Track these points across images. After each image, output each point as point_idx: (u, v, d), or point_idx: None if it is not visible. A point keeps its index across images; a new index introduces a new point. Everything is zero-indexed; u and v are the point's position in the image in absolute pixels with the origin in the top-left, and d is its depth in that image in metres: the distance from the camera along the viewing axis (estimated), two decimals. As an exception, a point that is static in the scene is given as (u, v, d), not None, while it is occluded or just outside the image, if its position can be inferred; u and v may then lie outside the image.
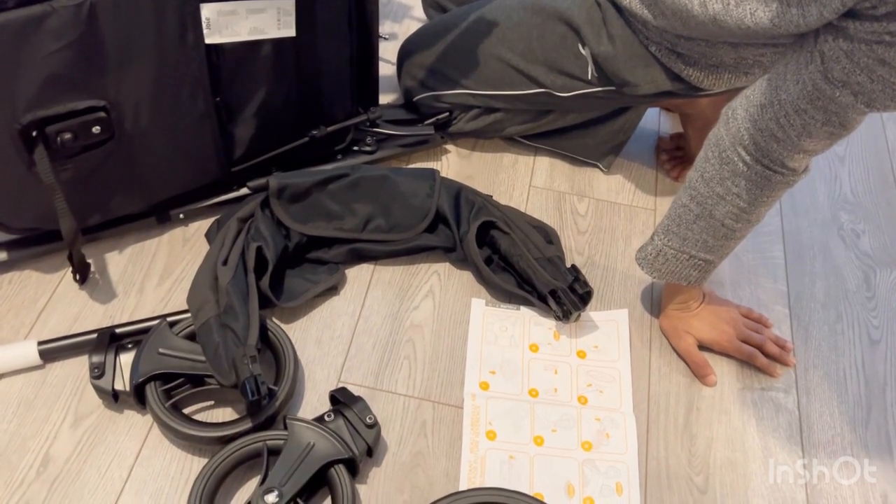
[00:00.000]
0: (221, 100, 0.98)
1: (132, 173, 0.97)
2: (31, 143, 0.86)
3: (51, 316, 0.97)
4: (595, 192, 1.20)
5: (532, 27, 1.09)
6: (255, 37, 0.94)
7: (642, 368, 1.00)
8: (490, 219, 1.05)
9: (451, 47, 1.15)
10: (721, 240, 0.91)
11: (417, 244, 1.06)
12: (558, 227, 1.14)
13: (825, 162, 1.30)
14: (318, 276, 1.03)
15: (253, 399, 0.81)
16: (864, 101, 0.73)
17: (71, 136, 0.88)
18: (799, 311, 1.09)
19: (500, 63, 1.11)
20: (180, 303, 0.98)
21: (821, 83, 0.74)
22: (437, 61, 1.17)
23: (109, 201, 0.99)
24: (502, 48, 1.11)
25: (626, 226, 1.16)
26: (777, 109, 0.79)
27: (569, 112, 1.16)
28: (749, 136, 0.83)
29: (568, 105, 1.13)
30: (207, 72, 0.94)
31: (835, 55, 0.72)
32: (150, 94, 0.92)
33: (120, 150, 0.94)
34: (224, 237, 0.98)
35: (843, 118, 0.76)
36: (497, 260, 1.06)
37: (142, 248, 1.05)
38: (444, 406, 0.94)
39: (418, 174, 1.10)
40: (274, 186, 1.02)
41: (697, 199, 0.89)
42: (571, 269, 1.00)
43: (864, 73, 0.71)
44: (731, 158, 0.85)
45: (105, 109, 0.89)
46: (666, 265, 0.95)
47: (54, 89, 0.85)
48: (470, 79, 1.14)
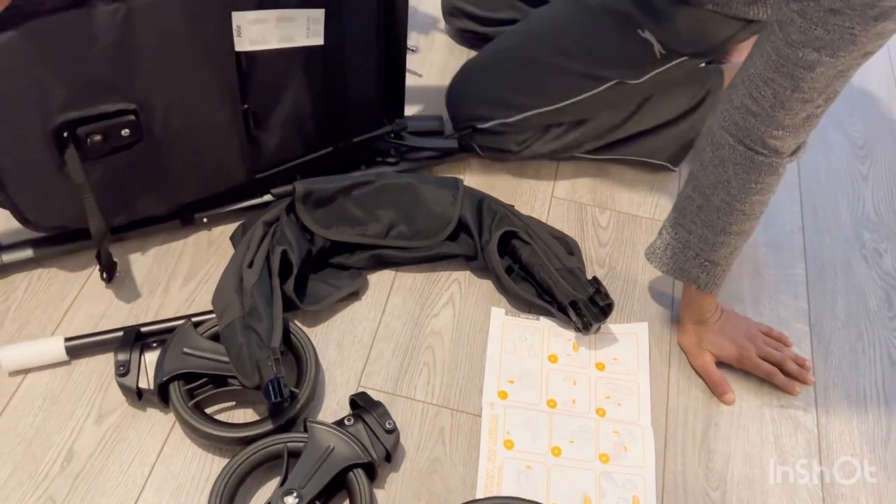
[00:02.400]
0: (249, 107, 0.99)
1: (159, 175, 0.99)
2: (63, 143, 0.88)
3: (77, 313, 0.99)
4: (617, 205, 1.20)
5: (585, 28, 1.08)
6: (284, 45, 0.96)
7: (661, 382, 1.00)
8: (512, 228, 1.05)
9: (506, 74, 1.14)
10: (720, 235, 0.91)
11: (439, 252, 1.07)
12: (579, 238, 1.14)
13: (848, 180, 1.30)
14: (341, 280, 1.04)
15: (275, 401, 0.82)
16: (827, 54, 0.75)
17: (101, 138, 0.90)
18: (819, 329, 1.08)
19: (562, 73, 1.10)
20: (204, 303, 0.99)
21: (783, 48, 0.77)
22: (496, 91, 1.14)
23: (136, 202, 1.01)
24: (561, 58, 1.10)
25: (647, 239, 1.16)
26: (748, 84, 0.82)
27: (645, 112, 1.15)
28: (729, 117, 0.85)
29: (644, 89, 1.12)
30: (236, 79, 0.95)
31: (789, 18, 0.76)
32: (180, 99, 0.93)
33: (148, 153, 0.95)
34: (249, 240, 0.99)
35: (811, 80, 0.78)
36: (518, 270, 1.07)
37: (167, 249, 1.06)
38: (463, 414, 0.95)
39: (442, 182, 1.10)
40: (300, 191, 1.03)
41: (698, 188, 0.91)
42: (592, 281, 1.00)
43: (820, 26, 0.74)
44: (719, 142, 0.87)
45: (135, 113, 0.91)
46: (674, 259, 0.96)
47: (87, 92, 0.87)
48: (536, 98, 1.12)
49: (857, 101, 1.43)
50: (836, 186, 1.29)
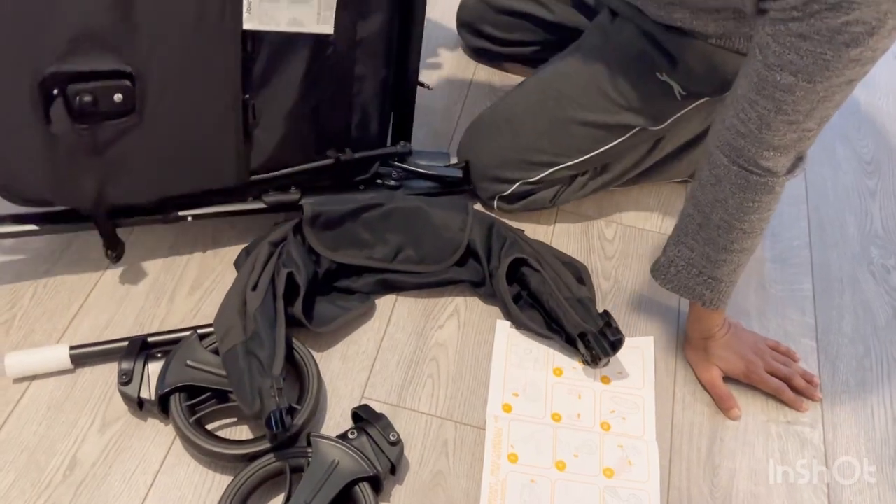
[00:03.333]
0: (250, 97, 0.95)
1: (147, 158, 0.94)
2: (49, 98, 0.84)
3: (83, 322, 0.99)
4: (623, 218, 1.20)
5: (602, 80, 1.07)
6: (293, 29, 0.91)
7: (666, 397, 0.99)
8: (521, 255, 1.04)
9: (525, 135, 1.11)
10: (722, 253, 0.91)
11: (447, 277, 1.06)
12: (585, 252, 1.14)
13: (856, 195, 1.30)
14: (350, 302, 1.03)
15: (277, 431, 0.81)
16: (804, 79, 0.76)
17: (91, 100, 0.85)
18: (826, 344, 1.08)
19: (585, 127, 1.08)
20: (209, 314, 0.99)
21: (762, 71, 0.78)
22: (516, 153, 1.12)
23: (119, 183, 0.95)
24: (582, 112, 1.08)
25: (653, 252, 1.16)
26: (735, 105, 0.83)
27: (664, 142, 1.14)
28: (722, 136, 0.85)
29: (668, 132, 1.11)
30: (240, 62, 0.91)
31: (765, 42, 0.77)
32: (179, 73, 0.89)
33: (138, 130, 0.91)
34: (254, 262, 0.98)
35: (793, 103, 0.78)
36: (526, 297, 1.05)
37: (174, 258, 1.07)
38: (467, 426, 0.94)
39: (451, 206, 1.09)
40: (308, 213, 1.03)
41: (698, 206, 0.90)
42: (603, 315, 0.99)
43: (792, 51, 0.74)
44: (715, 161, 0.87)
45: (130, 77, 0.87)
46: (678, 276, 0.95)
47: (83, 44, 0.82)
48: (559, 155, 1.10)
49: (865, 117, 1.43)
50: (843, 202, 1.28)
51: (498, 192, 1.14)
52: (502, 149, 1.13)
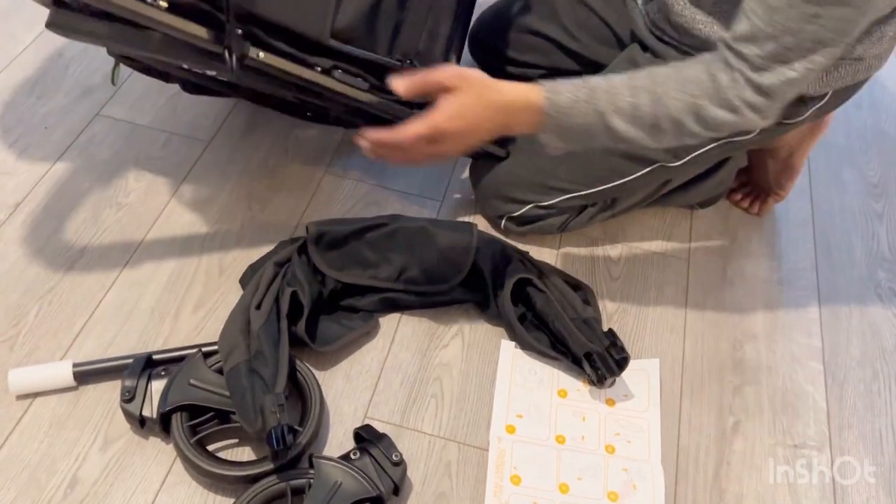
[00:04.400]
0: None
1: None
2: None
3: (87, 339, 0.99)
4: (628, 238, 1.20)
5: None
6: None
7: (672, 419, 0.99)
8: (526, 276, 1.03)
9: (543, 157, 1.07)
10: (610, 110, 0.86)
11: (451, 297, 1.06)
12: (590, 272, 1.14)
13: (862, 218, 1.29)
14: (353, 321, 1.03)
15: (279, 448, 0.81)
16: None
17: None
18: (834, 368, 1.07)
19: (606, 157, 1.07)
20: (214, 332, 0.99)
21: None
22: (531, 174, 1.11)
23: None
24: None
25: (658, 274, 1.16)
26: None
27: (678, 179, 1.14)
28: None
29: (683, 171, 1.10)
30: None
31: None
32: None
33: None
34: (259, 281, 0.98)
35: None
36: (531, 318, 1.04)
37: (179, 275, 1.07)
38: (470, 448, 0.93)
39: (456, 227, 1.09)
40: (312, 233, 1.03)
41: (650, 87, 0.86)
42: (608, 334, 0.98)
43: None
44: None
45: None
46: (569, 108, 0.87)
47: None
48: (576, 182, 1.10)
49: (871, 140, 1.43)
50: (850, 225, 1.28)
51: (507, 213, 1.13)
52: (518, 168, 1.12)
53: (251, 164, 1.22)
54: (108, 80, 1.30)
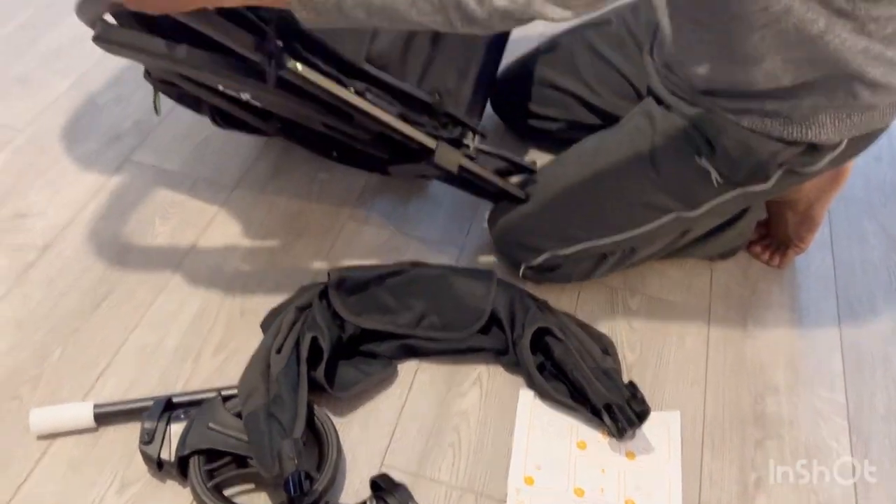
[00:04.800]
0: None
1: None
2: None
3: (109, 379, 1.00)
4: (648, 289, 1.20)
5: (643, 160, 1.06)
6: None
7: (693, 473, 0.97)
8: (545, 325, 1.03)
9: (559, 205, 1.11)
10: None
11: (470, 345, 1.06)
12: (610, 322, 1.13)
13: (884, 271, 1.28)
14: (372, 367, 1.03)
15: (295, 495, 0.81)
16: None
17: None
18: (858, 423, 1.05)
19: (621, 205, 1.08)
20: (233, 375, 0.99)
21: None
22: (548, 222, 1.11)
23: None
24: (620, 189, 1.07)
25: (679, 325, 1.15)
26: None
27: (696, 230, 1.14)
28: None
29: (701, 222, 1.10)
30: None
31: None
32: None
33: None
34: (280, 325, 0.99)
35: None
36: (550, 367, 1.04)
37: (201, 317, 1.08)
38: (487, 499, 0.92)
39: (475, 274, 1.10)
40: (334, 278, 1.04)
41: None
42: (628, 385, 0.98)
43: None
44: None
45: None
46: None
47: None
48: (593, 230, 1.09)
49: (891, 193, 1.42)
50: (871, 278, 1.27)
51: (525, 261, 1.14)
52: (535, 216, 1.13)
53: (275, 209, 1.24)
54: (138, 126, 1.35)
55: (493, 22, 0.76)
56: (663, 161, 1.05)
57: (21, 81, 1.42)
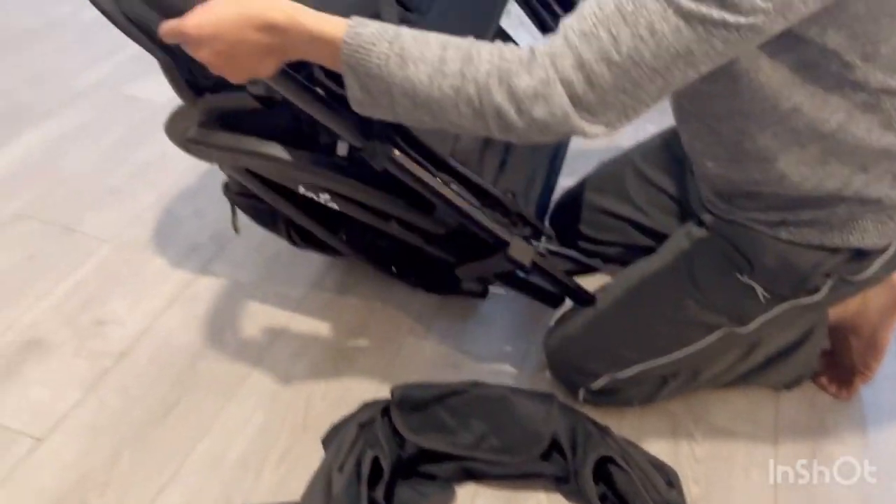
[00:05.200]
0: None
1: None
2: None
3: (174, 489, 1.01)
4: (712, 418, 1.18)
5: (686, 281, 1.06)
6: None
7: None
8: (608, 453, 1.02)
9: (610, 329, 1.12)
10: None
11: (529, 470, 1.05)
12: (673, 452, 1.11)
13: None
14: (430, 489, 1.02)
15: None
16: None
17: None
18: None
19: (669, 326, 1.09)
20: (294, 488, 1.00)
21: None
22: (601, 344, 1.13)
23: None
24: (666, 311, 1.08)
25: (745, 457, 1.12)
26: None
27: (756, 352, 1.14)
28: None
29: (753, 337, 1.09)
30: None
31: None
32: None
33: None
34: (342, 442, 1.00)
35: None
36: (612, 497, 1.02)
37: (265, 429, 1.10)
38: None
39: (536, 397, 1.10)
40: (397, 396, 1.06)
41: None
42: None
43: None
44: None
45: None
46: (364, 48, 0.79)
47: None
48: (645, 352, 1.09)
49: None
50: None
51: (582, 384, 1.14)
52: (588, 337, 1.14)
53: (340, 324, 1.28)
54: (214, 240, 1.42)
55: (531, 133, 0.78)
56: (705, 280, 1.06)
57: (113, 193, 1.52)
